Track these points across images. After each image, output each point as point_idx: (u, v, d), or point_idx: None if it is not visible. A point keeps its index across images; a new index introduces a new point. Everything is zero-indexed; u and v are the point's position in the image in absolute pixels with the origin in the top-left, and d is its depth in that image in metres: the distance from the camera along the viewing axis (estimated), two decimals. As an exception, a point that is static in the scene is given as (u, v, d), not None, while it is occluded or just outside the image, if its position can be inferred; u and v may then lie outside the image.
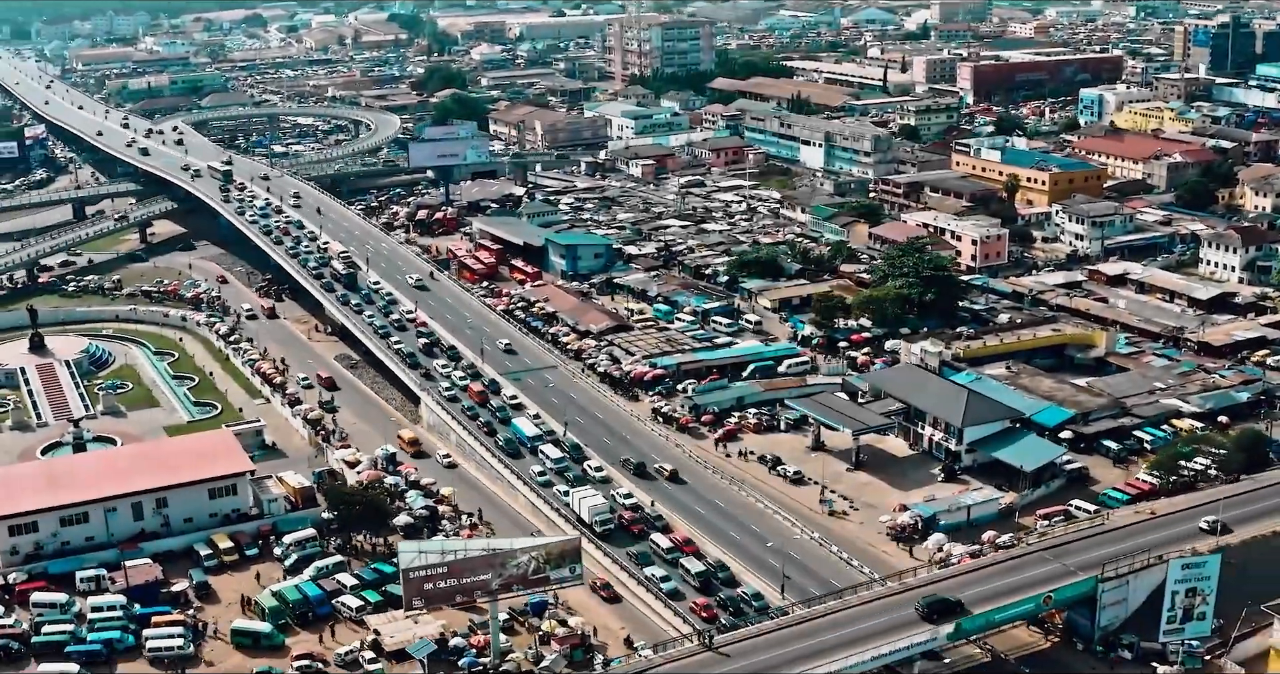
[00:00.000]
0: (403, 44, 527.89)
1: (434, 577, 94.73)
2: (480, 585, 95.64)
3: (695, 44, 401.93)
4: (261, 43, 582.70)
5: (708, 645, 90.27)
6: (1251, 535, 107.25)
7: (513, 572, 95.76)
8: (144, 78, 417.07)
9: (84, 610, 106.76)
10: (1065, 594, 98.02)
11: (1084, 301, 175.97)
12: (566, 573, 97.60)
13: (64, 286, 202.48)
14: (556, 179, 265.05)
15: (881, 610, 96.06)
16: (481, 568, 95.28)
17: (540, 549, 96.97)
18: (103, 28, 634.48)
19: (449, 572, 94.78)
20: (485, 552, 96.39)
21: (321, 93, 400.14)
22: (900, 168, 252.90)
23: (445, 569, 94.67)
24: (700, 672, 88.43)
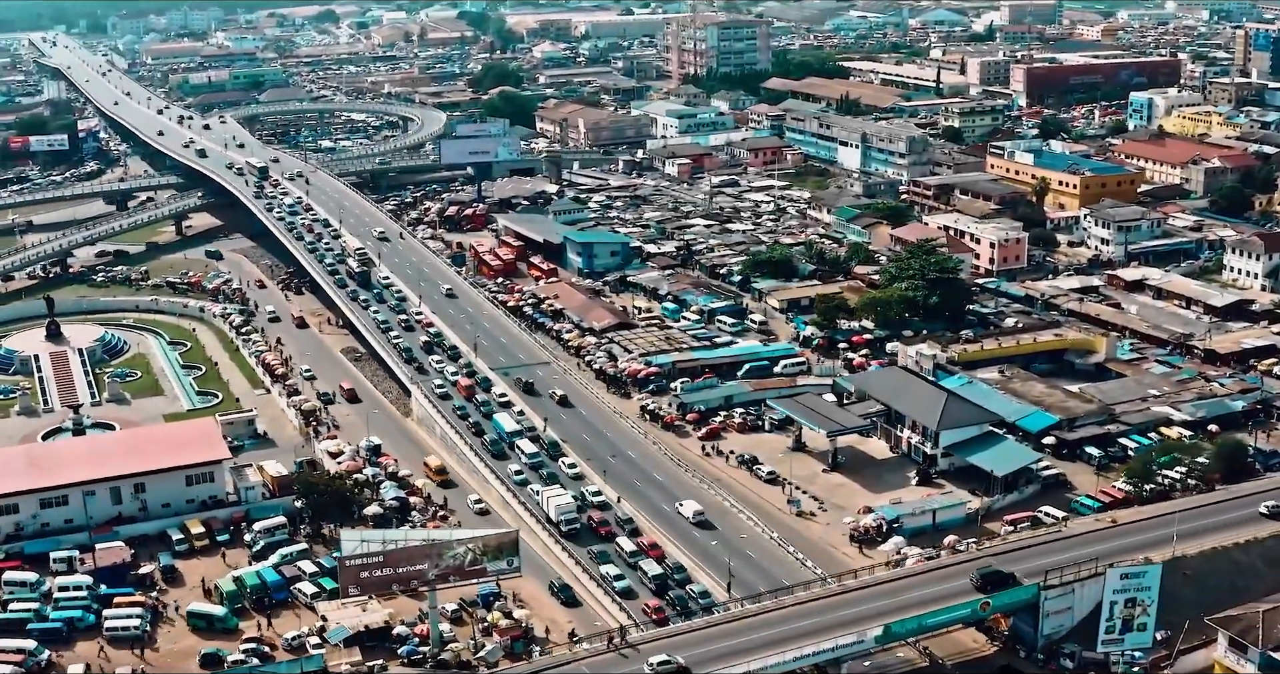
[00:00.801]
0: (468, 41, 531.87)
1: (370, 566, 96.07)
2: (417, 575, 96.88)
3: (752, 44, 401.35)
4: (331, 39, 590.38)
5: (612, 646, 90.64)
6: (1211, 547, 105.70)
7: (449, 562, 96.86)
8: (205, 72, 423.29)
9: (52, 590, 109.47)
10: (1004, 600, 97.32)
11: (1095, 307, 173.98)
12: (504, 565, 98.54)
13: (93, 276, 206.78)
14: (591, 177, 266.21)
15: (813, 611, 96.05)
16: (418, 558, 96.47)
17: (477, 541, 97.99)
18: (177, 22, 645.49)
19: (385, 561, 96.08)
20: (423, 542, 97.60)
21: (378, 89, 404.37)
22: (936, 169, 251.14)
23: (381, 558, 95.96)
24: (605, 671, 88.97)
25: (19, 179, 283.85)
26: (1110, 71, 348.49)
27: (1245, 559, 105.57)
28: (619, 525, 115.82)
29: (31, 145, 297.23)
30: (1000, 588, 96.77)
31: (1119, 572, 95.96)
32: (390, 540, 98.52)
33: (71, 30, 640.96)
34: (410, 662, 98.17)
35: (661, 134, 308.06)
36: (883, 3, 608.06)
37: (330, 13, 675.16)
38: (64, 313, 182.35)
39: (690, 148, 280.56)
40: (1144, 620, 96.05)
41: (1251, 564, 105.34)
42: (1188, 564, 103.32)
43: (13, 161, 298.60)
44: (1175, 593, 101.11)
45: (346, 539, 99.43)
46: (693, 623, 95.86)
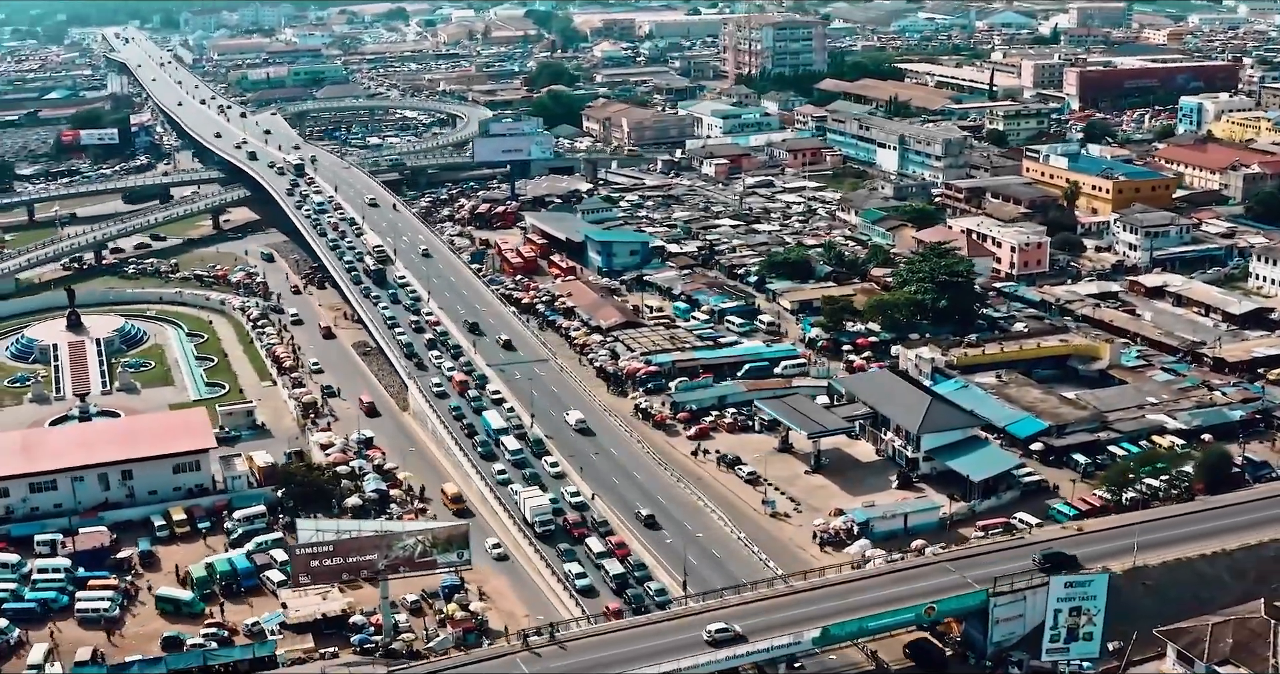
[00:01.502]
0: (530, 40, 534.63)
1: (321, 555, 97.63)
2: (366, 565, 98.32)
3: (807, 45, 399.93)
4: (398, 36, 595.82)
5: (526, 643, 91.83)
6: (1175, 557, 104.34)
7: (399, 554, 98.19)
8: (264, 69, 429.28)
9: (32, 571, 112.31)
10: (950, 606, 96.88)
11: (1110, 312, 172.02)
12: (454, 557, 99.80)
13: (124, 268, 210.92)
14: (627, 176, 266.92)
15: (758, 611, 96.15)
16: (369, 549, 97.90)
17: (427, 533, 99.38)
18: (249, 18, 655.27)
19: (335, 551, 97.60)
20: (374, 533, 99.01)
21: (434, 86, 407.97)
22: (973, 172, 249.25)
23: (331, 548, 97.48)
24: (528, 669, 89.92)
25: (70, 172, 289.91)
26: (1166, 76, 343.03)
27: (1211, 571, 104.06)
28: (593, 527, 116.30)
29: (82, 139, 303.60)
30: (1061, 569, 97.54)
31: (1063, 580, 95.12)
32: (344, 531, 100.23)
33: (145, 25, 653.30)
34: (362, 650, 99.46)
35: (706, 134, 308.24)
36: (952, 4, 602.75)
37: (400, 10, 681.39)
38: (89, 304, 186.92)
39: (729, 148, 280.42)
40: (1090, 630, 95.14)
41: (1217, 576, 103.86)
42: (1148, 574, 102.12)
43: (67, 155, 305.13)
44: (1134, 603, 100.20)
45: (303, 528, 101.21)
46: (633, 620, 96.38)
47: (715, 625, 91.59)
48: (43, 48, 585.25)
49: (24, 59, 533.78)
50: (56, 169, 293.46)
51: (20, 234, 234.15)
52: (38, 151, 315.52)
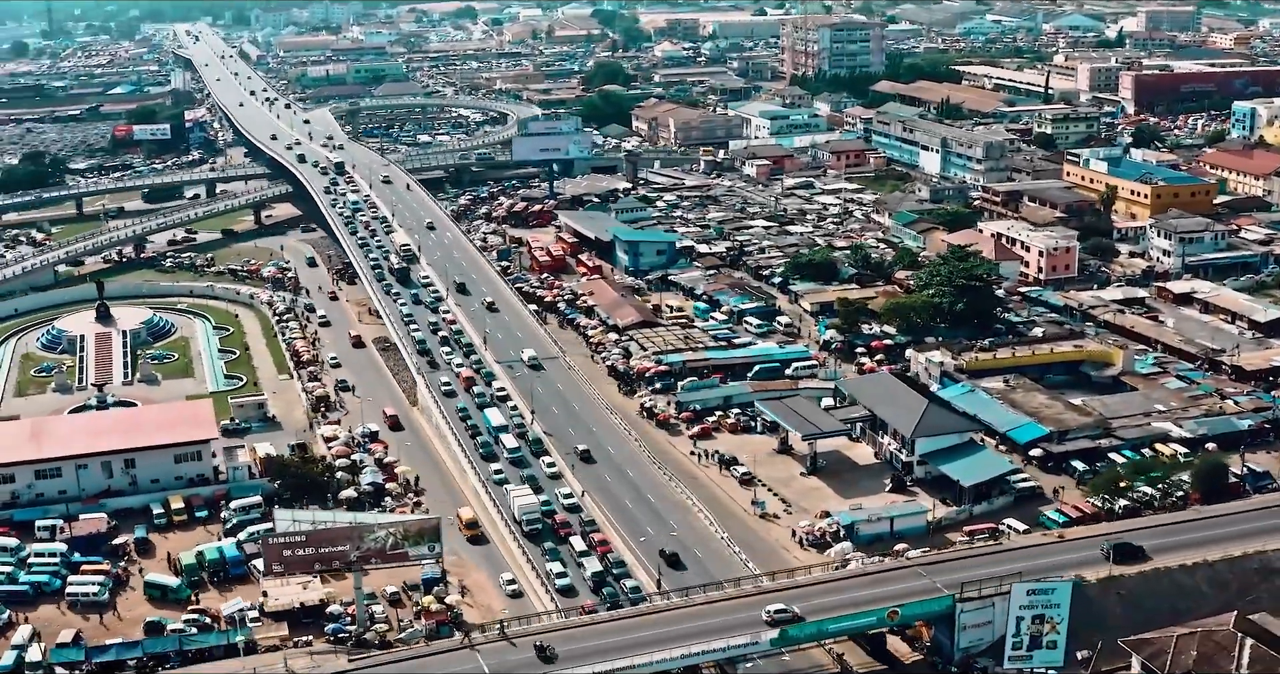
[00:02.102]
0: (594, 39, 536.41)
1: (293, 544, 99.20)
2: (338, 556, 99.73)
3: (865, 46, 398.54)
4: (465, 35, 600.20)
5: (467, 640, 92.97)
6: (1154, 567, 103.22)
7: (370, 545, 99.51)
8: (324, 66, 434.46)
9: (29, 555, 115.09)
10: (914, 611, 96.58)
11: (1133, 318, 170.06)
12: (425, 550, 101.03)
13: (162, 262, 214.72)
14: (668, 176, 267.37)
15: (721, 610, 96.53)
16: (340, 540, 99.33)
17: (399, 526, 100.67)
18: (318, 15, 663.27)
19: (307, 541, 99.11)
20: (346, 525, 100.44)
21: (491, 85, 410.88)
22: (1014, 176, 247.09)
23: (304, 538, 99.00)
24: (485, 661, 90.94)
25: (124, 167, 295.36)
26: (1223, 80, 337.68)
27: (1190, 582, 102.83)
28: (581, 526, 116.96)
29: (135, 134, 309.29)
30: (1133, 561, 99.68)
31: (1025, 587, 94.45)
32: (320, 522, 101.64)
33: (217, 22, 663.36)
34: (336, 639, 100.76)
35: (754, 135, 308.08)
36: (1020, 7, 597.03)
37: (470, 9, 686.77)
38: (124, 296, 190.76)
39: (772, 149, 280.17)
40: (1054, 638, 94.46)
41: (1196, 587, 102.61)
42: (1123, 584, 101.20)
43: (122, 150, 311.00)
44: (1106, 612, 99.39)
45: (280, 518, 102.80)
46: (597, 617, 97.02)
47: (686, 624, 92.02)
48: (114, 43, 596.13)
49: (94, 54, 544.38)
50: (110, 164, 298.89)
51: (67, 227, 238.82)
52: (95, 146, 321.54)
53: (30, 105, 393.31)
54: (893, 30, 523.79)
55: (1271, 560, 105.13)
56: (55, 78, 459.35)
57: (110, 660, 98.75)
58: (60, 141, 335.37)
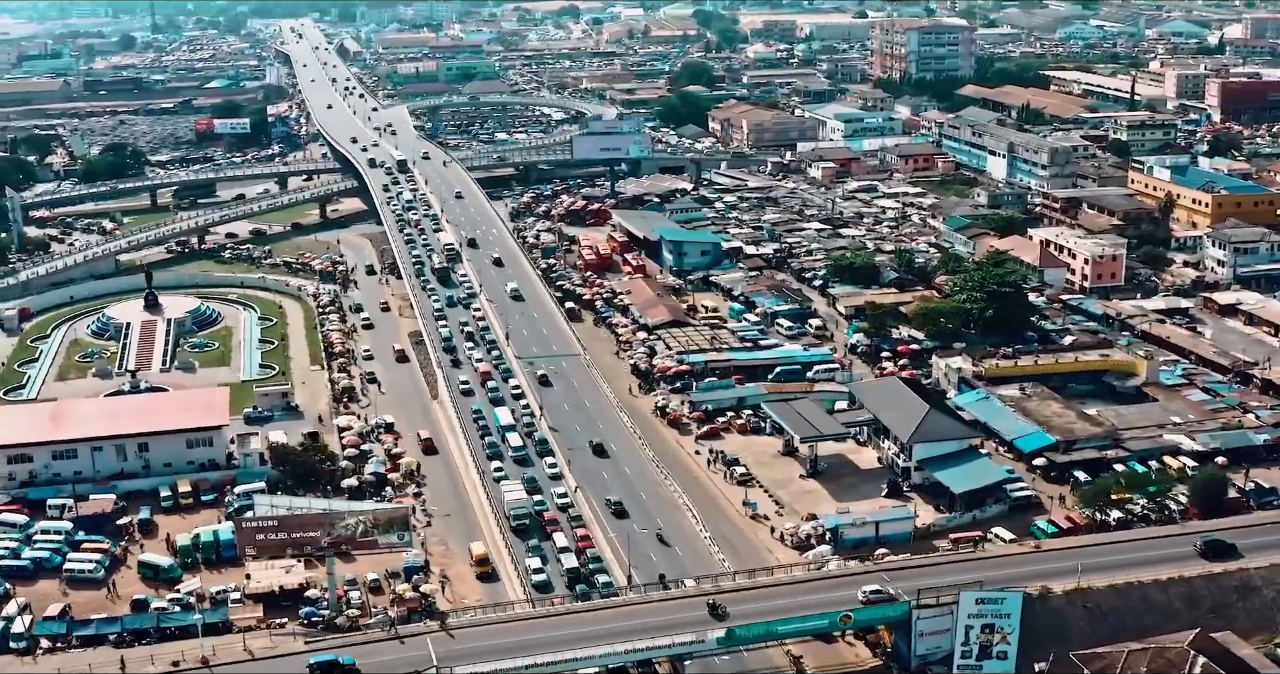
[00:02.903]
0: (690, 40, 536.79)
1: (266, 529, 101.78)
2: (310, 542, 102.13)
3: (954, 50, 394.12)
4: (564, 34, 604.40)
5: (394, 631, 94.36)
6: (1126, 581, 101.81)
7: (341, 532, 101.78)
8: (415, 63, 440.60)
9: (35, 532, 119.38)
10: (868, 615, 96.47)
11: (1170, 328, 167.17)
12: (395, 538, 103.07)
13: (221, 253, 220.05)
14: (731, 177, 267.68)
15: (677, 608, 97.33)
16: (312, 526, 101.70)
17: (369, 515, 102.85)
18: (423, 13, 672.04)
19: (280, 526, 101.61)
20: (319, 511, 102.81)
21: (578, 84, 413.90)
22: (1080, 182, 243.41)
23: (276, 523, 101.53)
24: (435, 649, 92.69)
25: (204, 159, 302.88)
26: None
27: (1162, 597, 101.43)
28: (568, 521, 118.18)
29: (216, 128, 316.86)
30: (1225, 558, 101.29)
31: (973, 596, 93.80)
32: (295, 508, 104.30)
33: (324, 18, 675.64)
34: (309, 623, 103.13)
35: (829, 137, 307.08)
36: (1125, 13, 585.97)
37: (573, 8, 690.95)
38: (177, 286, 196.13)
39: (839, 151, 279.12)
40: (1004, 648, 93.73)
41: (1168, 603, 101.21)
42: (1092, 596, 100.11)
43: (206, 143, 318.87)
44: (1070, 624, 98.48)
45: (259, 503, 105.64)
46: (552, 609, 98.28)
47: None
48: (220, 38, 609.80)
49: (198, 49, 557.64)
50: (192, 156, 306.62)
51: (139, 217, 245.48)
52: (182, 139, 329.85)
53: (128, 98, 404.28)
54: (991, 34, 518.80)
55: (1251, 579, 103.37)
56: (156, 71, 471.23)
57: (90, 634, 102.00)
58: (150, 134, 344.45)
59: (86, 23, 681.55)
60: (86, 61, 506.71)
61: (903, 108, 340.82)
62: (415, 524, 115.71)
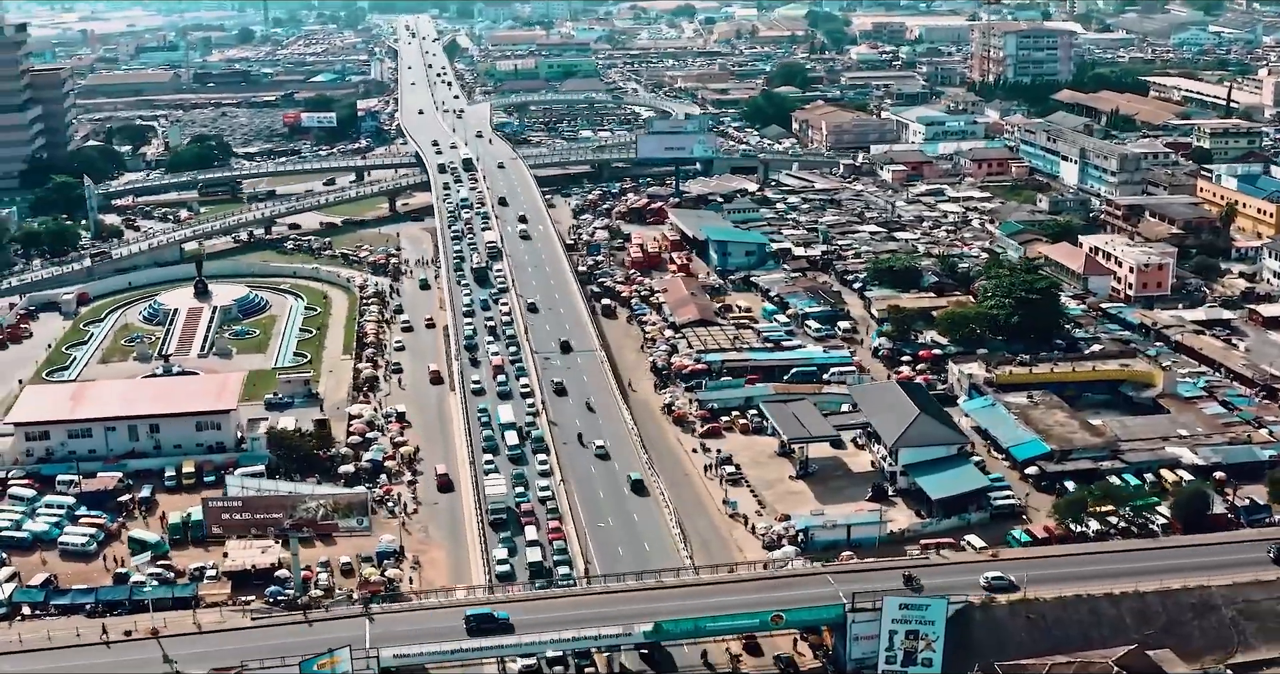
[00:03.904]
0: (797, 40, 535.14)
1: (231, 509, 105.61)
2: (272, 522, 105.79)
3: (1053, 54, 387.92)
4: (676, 33, 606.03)
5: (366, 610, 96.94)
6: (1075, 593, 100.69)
7: (302, 515, 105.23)
8: (513, 60, 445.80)
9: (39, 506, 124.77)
10: (801, 616, 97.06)
11: (1204, 340, 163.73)
12: (354, 523, 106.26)
13: (284, 244, 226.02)
14: (800, 179, 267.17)
15: (610, 601, 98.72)
16: (275, 507, 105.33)
17: (329, 499, 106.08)
18: (539, 11, 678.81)
19: (244, 506, 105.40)
20: (282, 494, 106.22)
21: (673, 83, 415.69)
22: (1151, 189, 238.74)
23: (240, 504, 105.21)
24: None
25: (292, 152, 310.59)
26: None
27: (1112, 612, 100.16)
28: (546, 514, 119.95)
29: (303, 122, 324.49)
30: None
31: (897, 602, 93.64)
32: (264, 490, 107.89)
33: (443, 14, 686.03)
34: (274, 601, 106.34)
35: (910, 139, 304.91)
36: (1243, 19, 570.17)
37: (688, 7, 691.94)
38: (234, 275, 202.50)
39: (912, 155, 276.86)
40: (929, 655, 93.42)
41: (1118, 617, 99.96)
42: (1037, 607, 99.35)
43: (297, 136, 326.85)
44: (1012, 634, 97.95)
45: (231, 484, 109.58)
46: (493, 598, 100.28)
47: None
48: (337, 33, 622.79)
49: (312, 43, 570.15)
50: (281, 149, 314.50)
51: (215, 208, 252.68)
52: (277, 131, 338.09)
53: (235, 90, 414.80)
54: (1103, 39, 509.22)
55: (1211, 597, 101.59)
56: (267, 65, 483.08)
57: (66, 604, 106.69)
58: (249, 126, 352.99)
59: (211, 16, 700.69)
60: (203, 54, 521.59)
61: (992, 111, 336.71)
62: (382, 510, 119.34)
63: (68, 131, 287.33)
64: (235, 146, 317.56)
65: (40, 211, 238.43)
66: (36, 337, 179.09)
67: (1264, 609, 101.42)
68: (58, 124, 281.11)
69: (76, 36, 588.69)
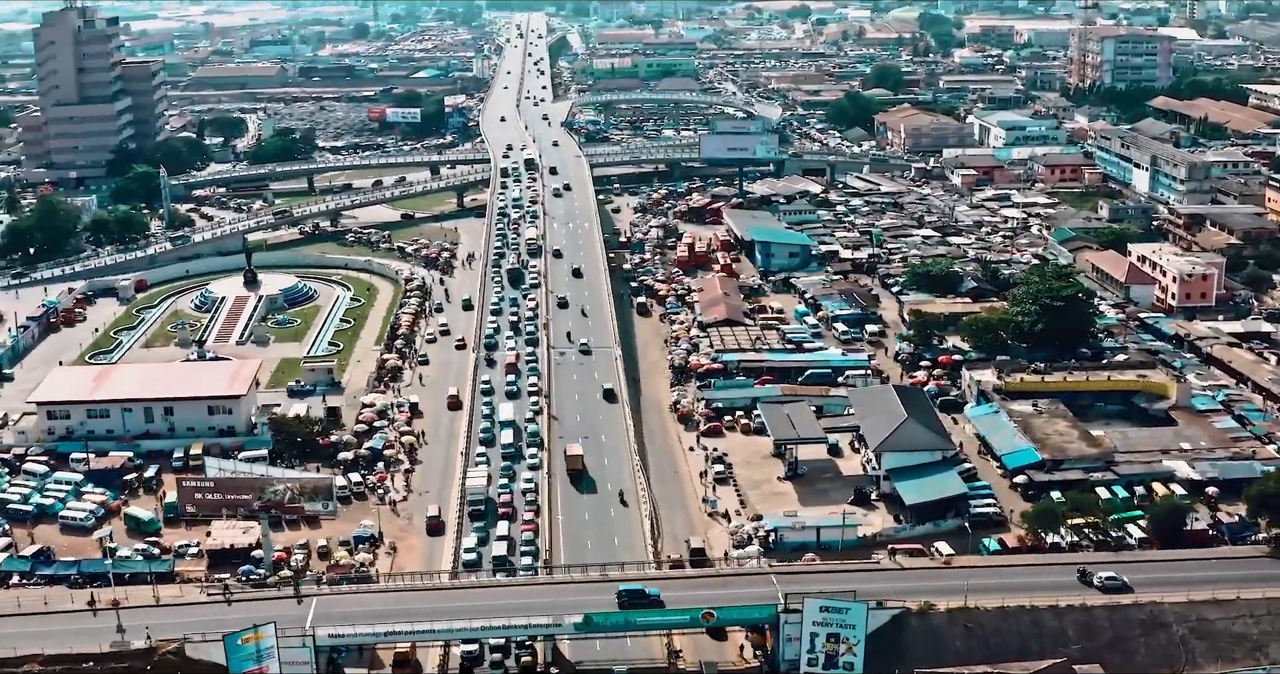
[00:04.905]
0: (903, 42, 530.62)
1: (203, 489, 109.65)
2: (242, 504, 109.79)
3: (1152, 60, 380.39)
4: (786, 34, 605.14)
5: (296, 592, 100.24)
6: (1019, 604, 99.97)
7: (270, 497, 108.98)
8: (609, 59, 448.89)
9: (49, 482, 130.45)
10: (732, 615, 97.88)
11: (1235, 353, 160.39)
12: (320, 506, 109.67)
13: (345, 237, 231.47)
14: (866, 181, 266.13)
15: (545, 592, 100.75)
16: (244, 489, 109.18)
17: (295, 482, 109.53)
18: (654, 10, 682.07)
19: (215, 487, 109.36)
20: (254, 477, 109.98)
21: (767, 83, 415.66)
22: (1220, 199, 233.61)
23: (212, 485, 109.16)
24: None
25: (377, 146, 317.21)
26: None
27: (1055, 624, 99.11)
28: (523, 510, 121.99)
29: (388, 117, 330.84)
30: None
31: (817, 604, 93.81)
32: (239, 472, 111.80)
33: (559, 12, 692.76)
34: (247, 579, 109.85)
35: (991, 144, 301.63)
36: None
37: (803, 8, 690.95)
38: (293, 265, 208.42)
39: (983, 159, 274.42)
40: (850, 659, 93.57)
41: (1061, 630, 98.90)
42: (976, 617, 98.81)
43: (385, 131, 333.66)
44: (948, 642, 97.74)
45: (210, 465, 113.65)
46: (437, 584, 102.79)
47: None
48: (451, 30, 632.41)
49: (424, 39, 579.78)
50: (366, 144, 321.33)
51: (293, 199, 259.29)
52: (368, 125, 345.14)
53: (339, 85, 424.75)
54: (1215, 45, 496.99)
55: (1162, 614, 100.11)
56: (374, 60, 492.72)
57: (50, 574, 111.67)
58: (344, 120, 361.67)
59: (332, 12, 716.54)
60: (314, 48, 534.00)
61: (1081, 117, 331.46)
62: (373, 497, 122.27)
63: (157, 122, 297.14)
64: (324, 140, 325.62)
65: (120, 200, 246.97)
66: (90, 321, 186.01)
67: (1218, 629, 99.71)
68: (147, 115, 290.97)
69: (199, 29, 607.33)
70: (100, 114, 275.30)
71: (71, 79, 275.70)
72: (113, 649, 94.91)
